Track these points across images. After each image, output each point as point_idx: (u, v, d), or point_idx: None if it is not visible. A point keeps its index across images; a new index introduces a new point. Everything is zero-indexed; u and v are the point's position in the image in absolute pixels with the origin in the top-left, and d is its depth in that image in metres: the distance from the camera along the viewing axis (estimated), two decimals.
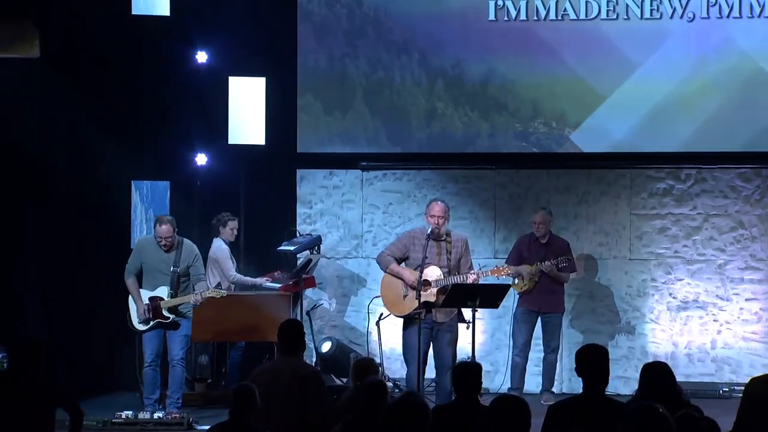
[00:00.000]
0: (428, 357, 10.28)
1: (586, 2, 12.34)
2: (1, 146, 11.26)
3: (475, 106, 12.60)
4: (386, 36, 12.70)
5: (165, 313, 10.61)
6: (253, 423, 7.02)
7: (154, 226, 10.74)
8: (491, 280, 10.84)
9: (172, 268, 10.67)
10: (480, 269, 10.57)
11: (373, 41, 12.73)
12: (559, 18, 12.39)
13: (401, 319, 10.46)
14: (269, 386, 7.82)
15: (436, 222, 10.33)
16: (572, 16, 12.37)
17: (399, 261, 10.45)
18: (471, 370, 7.04)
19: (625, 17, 12.28)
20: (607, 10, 12.31)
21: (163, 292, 10.65)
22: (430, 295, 10.20)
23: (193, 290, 10.67)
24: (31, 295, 11.44)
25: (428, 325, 10.26)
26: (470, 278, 10.27)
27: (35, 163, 11.42)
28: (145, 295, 10.67)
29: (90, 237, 11.93)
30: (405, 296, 10.32)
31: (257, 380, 7.92)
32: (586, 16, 12.35)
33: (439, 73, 12.63)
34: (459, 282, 10.22)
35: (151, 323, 10.64)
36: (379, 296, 10.71)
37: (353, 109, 12.74)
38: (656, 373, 6.59)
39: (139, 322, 10.68)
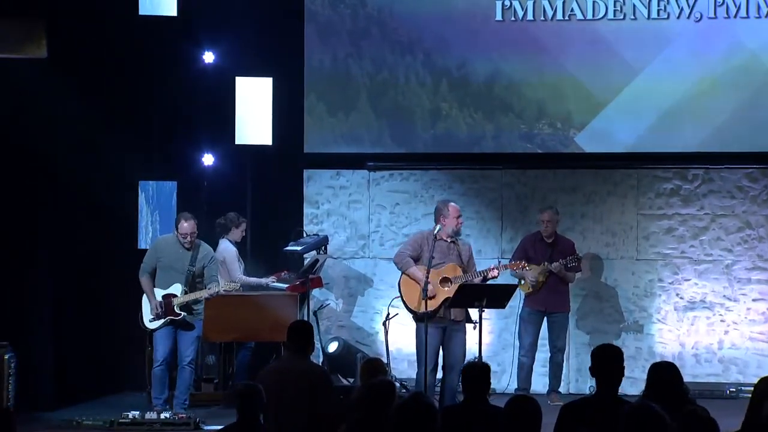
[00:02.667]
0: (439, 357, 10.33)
1: (594, 2, 12.33)
2: (9, 146, 11.25)
3: (480, 107, 12.58)
4: (391, 36, 12.67)
5: (177, 309, 10.64)
6: (261, 423, 7.03)
7: (177, 223, 10.77)
8: (509, 273, 10.90)
9: (188, 267, 10.72)
10: (500, 263, 10.67)
11: (377, 41, 12.70)
12: (566, 18, 12.38)
13: (411, 320, 10.49)
14: (277, 386, 7.82)
15: (460, 223, 10.59)
16: (579, 16, 12.36)
17: (413, 260, 10.52)
18: (479, 370, 7.05)
19: (632, 17, 12.27)
20: (614, 11, 12.30)
21: (177, 289, 10.68)
22: (449, 292, 10.23)
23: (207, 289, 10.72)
24: (41, 295, 11.44)
25: (442, 324, 10.28)
26: (492, 273, 10.36)
27: (43, 163, 11.42)
28: (159, 293, 10.70)
29: (98, 237, 11.94)
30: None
31: (265, 380, 7.92)
32: (593, 16, 12.34)
33: (443, 73, 12.61)
34: (469, 281, 10.27)
35: (162, 321, 10.65)
36: (398, 297, 10.70)
37: (357, 110, 12.73)
38: (663, 373, 6.59)
39: (150, 320, 10.70)
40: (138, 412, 10.42)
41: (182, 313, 10.67)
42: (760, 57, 12.09)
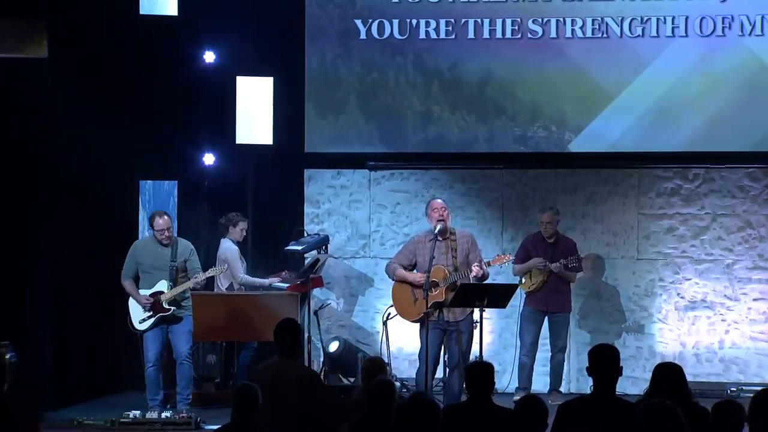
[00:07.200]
0: (441, 357, 10.30)
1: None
2: (9, 145, 11.26)
3: (473, 109, 12.52)
4: (381, 37, 12.60)
5: (165, 305, 10.64)
6: (256, 424, 7.02)
7: (152, 221, 10.77)
8: (495, 269, 10.82)
9: (170, 263, 10.72)
10: (481, 261, 10.50)
11: (367, 42, 12.63)
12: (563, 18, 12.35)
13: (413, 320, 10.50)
14: (270, 387, 7.80)
15: (440, 215, 10.34)
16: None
17: (408, 268, 10.47)
18: (483, 370, 7.04)
19: (632, 17, 12.25)
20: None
21: (162, 286, 10.68)
22: (438, 295, 10.21)
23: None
24: (41, 295, 11.43)
25: (441, 326, 10.27)
26: (473, 273, 10.26)
27: (43, 162, 11.42)
28: (144, 294, 10.69)
29: (99, 237, 11.94)
30: (415, 300, 10.34)
31: (258, 380, 7.90)
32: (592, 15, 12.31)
33: (435, 74, 12.54)
34: (464, 281, 10.23)
35: (152, 320, 10.65)
36: (392, 306, 10.73)
37: (346, 113, 12.67)
38: (667, 374, 6.59)
39: (140, 322, 10.70)
40: (139, 412, 10.43)
41: (171, 308, 10.68)
42: (761, 56, 12.08)
